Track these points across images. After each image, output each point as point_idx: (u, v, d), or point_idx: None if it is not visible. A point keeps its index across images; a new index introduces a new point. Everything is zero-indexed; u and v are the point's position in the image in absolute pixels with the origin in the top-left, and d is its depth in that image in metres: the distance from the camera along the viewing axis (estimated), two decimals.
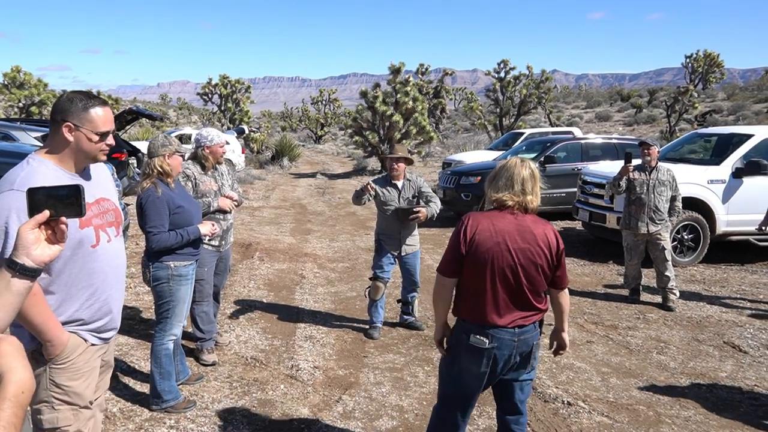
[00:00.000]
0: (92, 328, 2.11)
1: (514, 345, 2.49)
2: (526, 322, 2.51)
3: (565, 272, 2.61)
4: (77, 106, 2.02)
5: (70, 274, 2.01)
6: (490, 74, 26.48)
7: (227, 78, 28.40)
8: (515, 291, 2.48)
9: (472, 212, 2.61)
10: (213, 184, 4.20)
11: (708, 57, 44.25)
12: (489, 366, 2.50)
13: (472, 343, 2.48)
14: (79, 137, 2.01)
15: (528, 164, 2.56)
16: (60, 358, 2.02)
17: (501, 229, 2.47)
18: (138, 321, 5.12)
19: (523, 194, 2.50)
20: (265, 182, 17.50)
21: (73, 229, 1.95)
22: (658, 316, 5.69)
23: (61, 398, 2.05)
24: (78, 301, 2.05)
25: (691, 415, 3.71)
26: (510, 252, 2.44)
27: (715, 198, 7.47)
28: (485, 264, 2.45)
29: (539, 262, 2.47)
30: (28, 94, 20.82)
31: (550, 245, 2.50)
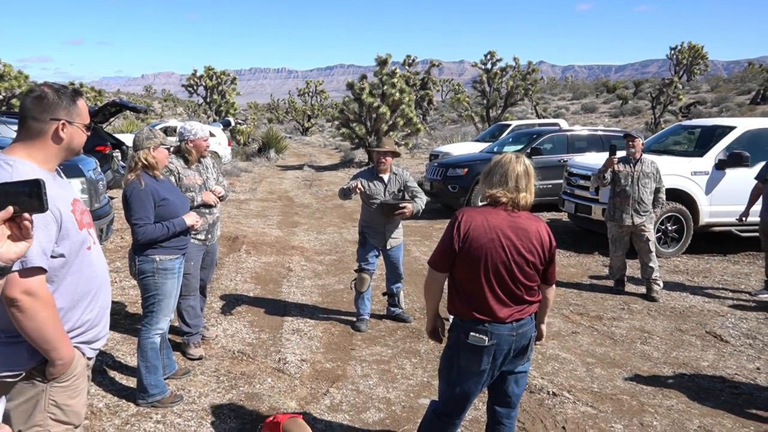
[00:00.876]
0: (91, 337, 2.01)
1: (512, 339, 2.50)
2: (522, 315, 2.54)
3: (554, 269, 2.65)
4: (65, 100, 1.89)
5: (73, 279, 1.91)
6: (476, 66, 26.50)
7: (212, 69, 28.14)
8: (509, 286, 2.49)
9: (466, 208, 2.62)
10: (197, 177, 4.17)
11: (692, 49, 44.59)
12: (489, 363, 2.51)
13: (471, 342, 2.48)
14: (73, 133, 1.92)
15: (523, 160, 2.55)
16: (64, 376, 1.90)
17: (495, 225, 2.47)
18: (124, 315, 5.09)
19: (517, 191, 2.50)
20: (251, 175, 17.41)
21: (74, 231, 1.88)
22: (642, 306, 5.77)
23: (59, 419, 1.92)
24: (81, 307, 1.96)
25: (673, 404, 3.77)
26: (504, 248, 2.45)
27: (699, 189, 7.56)
28: (479, 260, 2.46)
29: (532, 258, 2.49)
30: (8, 86, 20.44)
31: (542, 242, 2.52)
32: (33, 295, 1.73)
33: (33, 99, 1.88)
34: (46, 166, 1.90)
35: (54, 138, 1.88)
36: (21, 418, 1.87)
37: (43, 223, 1.75)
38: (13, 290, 1.70)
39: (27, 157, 1.86)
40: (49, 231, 1.77)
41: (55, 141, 1.89)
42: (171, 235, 3.46)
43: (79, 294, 1.94)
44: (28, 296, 1.72)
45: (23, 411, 1.87)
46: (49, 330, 1.77)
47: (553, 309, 5.59)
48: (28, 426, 1.88)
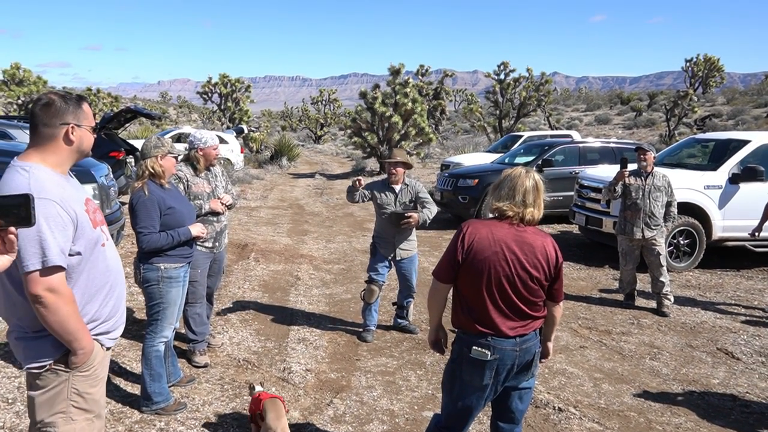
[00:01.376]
0: (107, 329, 2.12)
1: (516, 354, 2.46)
2: (526, 331, 2.50)
3: (561, 286, 2.58)
4: (71, 105, 2.01)
5: (89, 275, 2.02)
6: (489, 76, 26.49)
7: (227, 77, 28.42)
8: (512, 301, 2.46)
9: (471, 220, 2.61)
10: (206, 185, 4.19)
11: (708, 61, 44.32)
12: (492, 378, 2.48)
13: (473, 356, 2.45)
14: (82, 135, 2.03)
15: (532, 175, 2.53)
16: (85, 365, 2.02)
17: (499, 238, 2.45)
18: (131, 322, 5.11)
19: (524, 206, 2.48)
20: (263, 182, 17.49)
21: (89, 230, 2.00)
22: (652, 321, 5.69)
23: (81, 407, 2.04)
24: (98, 300, 2.07)
25: (682, 422, 3.71)
26: (507, 262, 2.43)
27: (712, 203, 7.47)
28: (482, 273, 2.44)
29: (536, 274, 2.45)
30: (27, 91, 20.81)
31: (548, 258, 2.48)
32: (55, 292, 1.87)
33: (42, 106, 1.99)
34: (59, 170, 2.02)
35: (65, 141, 2.00)
36: (45, 406, 2.01)
37: (61, 224, 1.88)
38: (37, 288, 1.84)
39: (41, 162, 1.97)
40: (66, 231, 1.90)
41: (66, 143, 2.01)
42: (176, 244, 3.47)
43: (95, 288, 2.06)
44: (50, 293, 1.86)
45: (47, 399, 2.01)
46: (71, 323, 1.91)
47: (561, 323, 5.52)
48: (52, 413, 2.01)
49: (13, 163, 1.97)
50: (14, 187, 1.88)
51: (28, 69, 22.49)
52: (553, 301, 2.59)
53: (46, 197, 1.87)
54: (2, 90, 22.04)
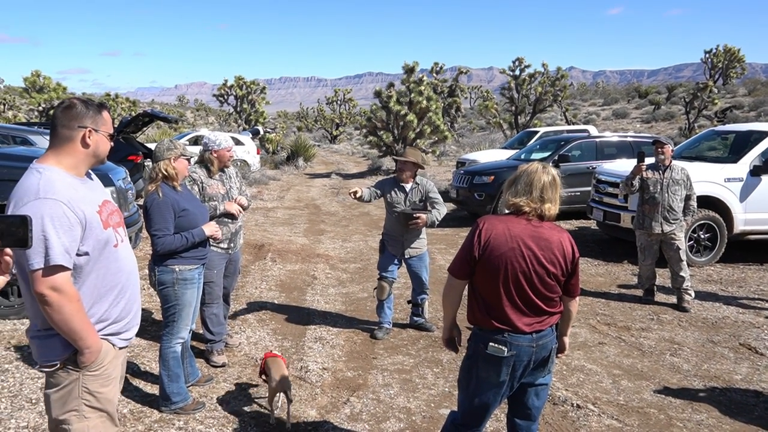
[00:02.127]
0: (118, 329, 2.15)
1: (532, 351, 2.45)
2: (542, 327, 2.48)
3: (578, 281, 2.57)
4: (91, 110, 2.07)
5: (98, 275, 2.06)
6: (505, 72, 26.32)
7: (242, 79, 28.62)
8: (529, 297, 2.44)
9: (487, 215, 2.58)
10: (221, 187, 4.22)
11: (728, 52, 43.54)
12: (509, 374, 2.46)
13: (490, 352, 2.44)
14: (98, 140, 2.09)
15: (549, 170, 2.51)
16: (95, 365, 2.05)
17: (516, 234, 2.43)
18: (150, 322, 5.17)
19: (542, 201, 2.46)
20: (279, 183, 17.59)
21: (99, 230, 2.03)
22: (672, 317, 5.61)
23: (93, 405, 2.08)
24: (107, 302, 2.10)
25: (703, 418, 3.65)
26: (524, 257, 2.41)
27: (732, 196, 7.35)
28: (498, 269, 2.42)
29: (553, 269, 2.44)
30: (47, 98, 21.17)
31: (565, 253, 2.46)
32: (58, 291, 1.90)
33: (63, 109, 2.07)
34: (74, 172, 2.07)
35: (82, 144, 2.06)
36: (59, 404, 2.06)
37: (67, 225, 1.91)
38: (41, 286, 1.89)
39: (56, 164, 2.04)
40: (72, 232, 1.94)
41: (83, 146, 2.07)
42: (190, 246, 3.49)
43: (105, 288, 2.09)
44: (54, 291, 1.90)
45: (60, 398, 2.06)
46: (75, 321, 1.94)
47: (579, 319, 5.49)
48: (64, 411, 2.06)
49: (32, 165, 2.04)
50: (26, 187, 1.95)
51: (48, 76, 22.88)
52: (569, 296, 2.57)
53: (53, 197, 1.92)
54: (24, 97, 22.47)
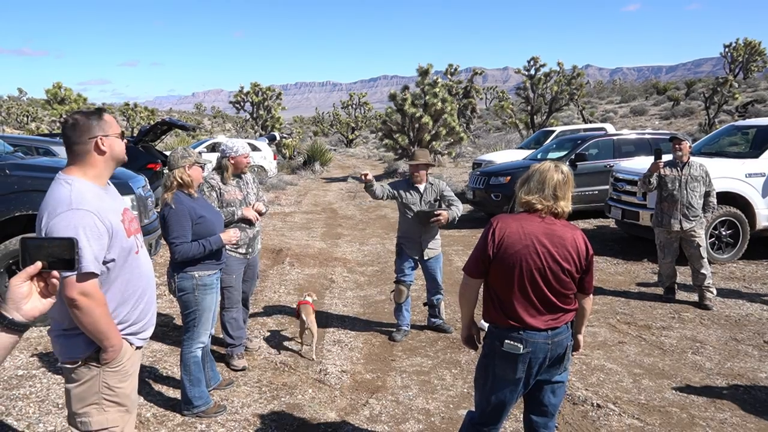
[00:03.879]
0: (136, 330, 2.26)
1: (548, 348, 2.46)
2: (558, 324, 2.49)
3: (592, 278, 2.57)
4: (95, 119, 2.16)
5: (123, 280, 2.18)
6: (520, 72, 26.18)
7: (258, 86, 28.86)
8: (544, 294, 2.45)
9: (500, 214, 2.60)
10: (238, 193, 4.28)
11: (748, 45, 42.77)
12: (525, 371, 2.47)
13: (506, 350, 2.45)
14: (112, 143, 2.17)
15: (562, 169, 2.53)
16: (115, 362, 2.17)
17: (530, 232, 2.45)
18: (171, 328, 5.24)
19: (555, 199, 2.48)
20: (297, 188, 17.70)
21: (123, 239, 2.15)
22: (694, 315, 5.54)
23: (112, 399, 2.19)
24: (129, 304, 2.22)
25: (727, 417, 3.61)
26: (539, 255, 2.42)
27: (754, 192, 7.23)
28: (513, 267, 2.44)
29: (567, 266, 2.45)
30: (69, 109, 21.56)
31: (579, 250, 2.47)
32: (88, 296, 2.01)
33: (69, 128, 2.15)
34: (98, 182, 2.17)
35: (97, 152, 2.15)
36: (79, 398, 2.18)
37: (97, 234, 2.02)
38: (72, 291, 1.99)
39: (82, 176, 2.14)
40: (101, 240, 2.05)
41: (99, 154, 2.16)
42: (208, 253, 3.52)
43: (128, 293, 2.21)
44: (84, 297, 2.00)
45: (81, 392, 2.17)
46: (102, 324, 2.06)
47: (599, 318, 5.45)
48: (85, 404, 2.17)
49: (58, 176, 2.15)
50: (57, 197, 2.05)
51: (69, 88, 23.31)
52: (583, 293, 2.57)
53: (85, 208, 2.03)
54: (46, 109, 22.93)
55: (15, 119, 46.67)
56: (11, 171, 5.27)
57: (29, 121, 45.90)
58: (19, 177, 5.21)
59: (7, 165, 5.37)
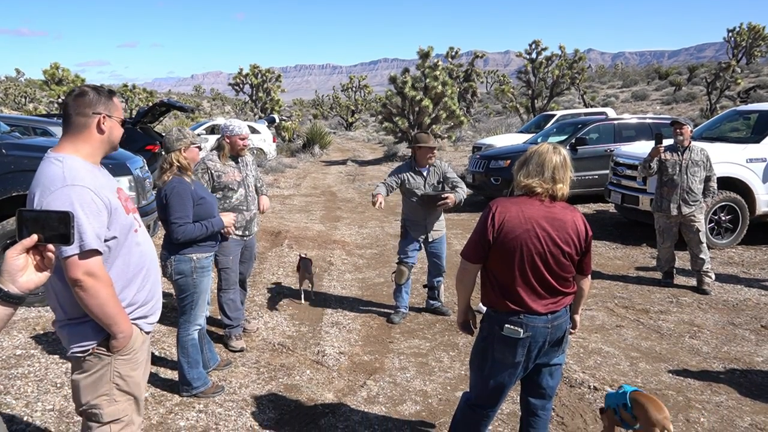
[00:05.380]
0: (146, 312, 2.17)
1: (548, 331, 2.46)
2: (557, 307, 2.49)
3: (590, 260, 2.58)
4: (103, 96, 2.08)
5: (124, 260, 2.07)
6: (521, 55, 25.99)
7: (258, 68, 28.63)
8: (544, 278, 2.44)
9: (499, 198, 2.57)
10: (237, 174, 4.24)
11: (752, 30, 42.37)
12: (524, 355, 2.47)
13: (506, 334, 2.44)
14: (112, 126, 2.09)
15: (560, 151, 2.51)
16: (126, 349, 2.08)
17: (530, 216, 2.42)
18: (170, 308, 5.23)
19: (554, 182, 2.46)
20: (296, 170, 17.65)
21: (123, 215, 2.05)
22: (692, 299, 5.55)
23: (123, 389, 2.12)
24: (135, 285, 2.12)
25: (723, 400, 3.62)
26: (539, 239, 2.41)
27: (755, 177, 7.21)
28: (514, 251, 2.42)
29: (568, 249, 2.44)
30: (66, 89, 21.39)
31: (579, 233, 2.47)
32: (93, 276, 1.92)
33: (75, 96, 2.06)
34: (91, 160, 2.08)
35: (98, 130, 2.07)
36: (89, 389, 2.09)
37: (96, 210, 1.93)
38: (76, 272, 1.89)
39: (74, 152, 2.03)
40: (100, 217, 1.95)
41: (99, 132, 2.07)
42: (209, 235, 3.49)
43: (131, 273, 2.10)
44: (89, 277, 1.91)
45: (91, 383, 2.09)
46: (109, 306, 1.96)
47: (597, 302, 5.45)
48: (96, 395, 2.09)
49: (47, 156, 2.03)
50: (50, 175, 1.94)
51: (67, 68, 23.10)
52: (582, 274, 2.58)
53: (81, 184, 1.93)
54: (44, 90, 22.74)
55: (13, 100, 46.39)
56: (8, 151, 5.23)
57: (27, 101, 45.65)
58: (15, 157, 5.18)
59: (4, 145, 5.33)
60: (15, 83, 55.89)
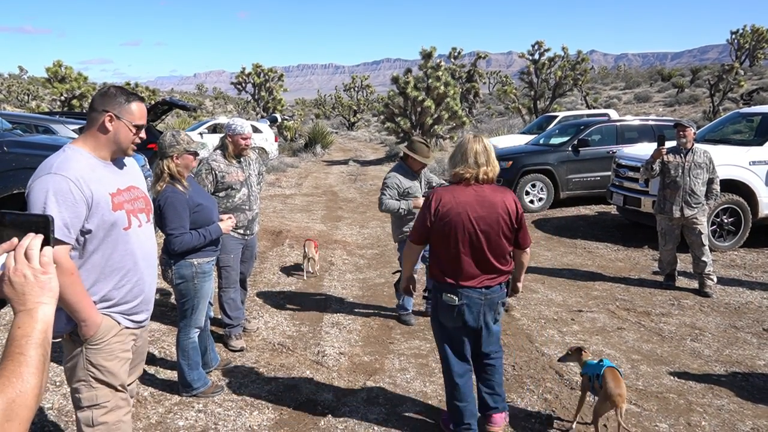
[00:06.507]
0: (123, 310, 2.19)
1: (482, 303, 2.88)
2: (492, 283, 2.89)
3: (526, 233, 2.96)
4: (120, 98, 2.13)
5: (102, 255, 2.09)
6: (524, 56, 25.97)
7: (260, 67, 28.64)
8: (480, 255, 2.83)
9: (438, 188, 2.98)
10: (240, 174, 4.22)
11: (756, 32, 42.34)
12: (462, 319, 2.91)
13: (444, 301, 2.91)
14: (119, 127, 2.12)
15: (480, 139, 2.90)
16: (95, 339, 2.12)
17: (462, 201, 2.80)
18: (170, 308, 5.24)
19: (477, 166, 2.82)
20: (298, 170, 17.64)
21: (106, 211, 2.06)
22: (693, 302, 5.53)
23: (98, 378, 2.16)
24: (110, 282, 2.13)
25: (724, 403, 3.60)
26: (471, 221, 2.79)
27: (758, 180, 7.18)
28: (449, 233, 2.82)
29: (498, 227, 2.81)
30: (69, 87, 21.40)
31: (509, 211, 2.82)
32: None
33: (99, 93, 2.18)
34: (97, 154, 2.13)
35: (101, 128, 2.11)
36: (70, 374, 2.21)
37: (71, 200, 1.96)
38: None
39: (82, 145, 2.12)
40: (76, 208, 1.98)
41: (101, 131, 2.12)
42: (207, 243, 3.43)
43: (109, 269, 2.13)
44: None
45: (71, 368, 2.19)
46: (69, 294, 1.98)
47: (598, 304, 5.44)
48: (74, 381, 2.19)
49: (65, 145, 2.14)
50: (46, 163, 2.02)
51: (70, 66, 23.09)
52: (519, 248, 2.99)
53: (63, 174, 1.98)
54: (46, 87, 22.72)
55: (15, 97, 46.44)
56: (9, 148, 5.23)
57: (30, 99, 45.70)
58: (17, 154, 5.19)
59: (6, 142, 5.33)
60: (18, 80, 55.98)
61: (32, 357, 1.07)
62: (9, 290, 1.16)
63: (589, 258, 7.17)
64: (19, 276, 1.16)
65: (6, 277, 1.17)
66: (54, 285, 1.23)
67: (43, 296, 1.17)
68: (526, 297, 5.66)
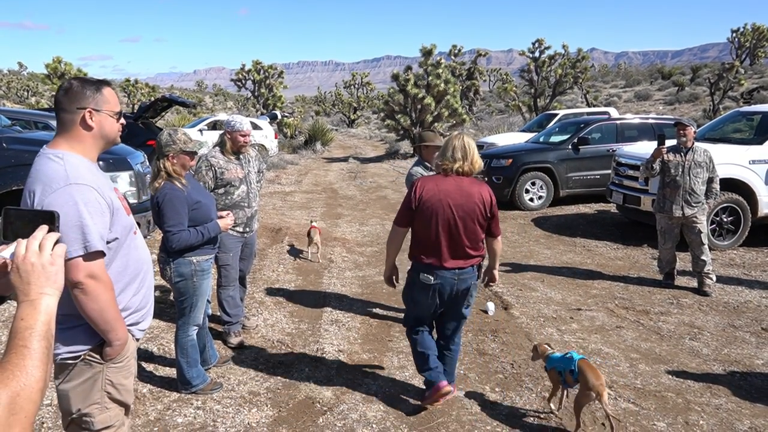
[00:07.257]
0: (138, 318, 2.09)
1: (454, 282, 3.21)
2: (464, 265, 3.22)
3: (497, 223, 3.29)
4: (89, 90, 1.93)
5: (122, 262, 1.99)
6: (524, 54, 25.92)
7: (260, 64, 28.60)
8: (455, 239, 3.16)
9: (422, 176, 3.37)
10: (239, 171, 4.22)
11: (757, 30, 42.26)
12: (436, 297, 3.25)
13: (421, 280, 3.24)
14: (102, 120, 1.95)
15: (461, 137, 3.25)
16: (120, 356, 1.99)
17: (443, 189, 3.15)
18: (169, 304, 5.24)
19: (454, 161, 3.18)
20: (297, 167, 17.64)
21: (123, 216, 1.96)
22: (692, 301, 5.53)
23: (115, 397, 2.03)
24: (132, 289, 2.04)
25: (722, 402, 3.61)
26: (450, 207, 3.13)
27: (757, 179, 7.18)
28: (430, 217, 3.15)
29: (474, 215, 3.15)
30: None
31: (484, 201, 3.18)
32: (96, 278, 1.82)
33: (62, 92, 1.94)
34: (88, 156, 1.95)
35: (83, 126, 1.92)
36: (79, 397, 1.98)
37: (100, 210, 1.85)
38: (78, 274, 1.79)
39: (69, 149, 1.91)
40: (104, 217, 1.87)
41: (84, 129, 1.93)
42: (205, 241, 3.41)
43: (128, 276, 2.02)
44: (92, 279, 1.81)
45: (82, 391, 1.98)
46: (110, 312, 1.87)
47: (597, 302, 5.44)
48: (87, 404, 1.98)
49: (42, 152, 1.92)
50: (50, 175, 1.84)
51: (69, 62, 23.10)
52: (491, 236, 3.32)
53: (84, 183, 1.84)
54: (46, 83, 22.76)
55: (15, 93, 46.39)
56: (8, 144, 5.23)
57: (29, 95, 45.65)
58: (16, 151, 5.18)
59: (4, 138, 5.32)
60: (18, 77, 55.88)
61: (36, 349, 1.05)
62: (16, 278, 1.15)
63: (588, 256, 7.18)
64: (27, 264, 1.14)
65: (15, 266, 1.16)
66: (60, 279, 1.20)
67: (47, 287, 1.15)
68: (525, 295, 5.67)
